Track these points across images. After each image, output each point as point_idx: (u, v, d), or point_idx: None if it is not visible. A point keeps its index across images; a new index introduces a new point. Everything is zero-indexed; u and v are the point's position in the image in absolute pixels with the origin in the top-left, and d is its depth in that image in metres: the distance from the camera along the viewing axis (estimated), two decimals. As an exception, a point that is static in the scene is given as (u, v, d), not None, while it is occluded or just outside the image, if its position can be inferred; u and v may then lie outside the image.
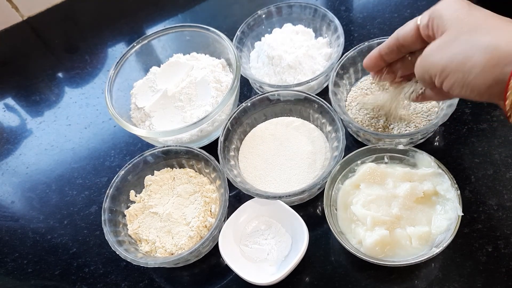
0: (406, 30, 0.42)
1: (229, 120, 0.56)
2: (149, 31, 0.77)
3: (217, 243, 0.50)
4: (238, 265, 0.49)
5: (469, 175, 0.53)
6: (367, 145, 0.52)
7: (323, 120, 0.56)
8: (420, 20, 0.40)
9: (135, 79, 0.66)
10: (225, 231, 0.51)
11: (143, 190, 0.57)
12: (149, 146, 0.63)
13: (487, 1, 0.66)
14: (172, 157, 0.57)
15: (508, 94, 0.31)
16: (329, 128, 0.55)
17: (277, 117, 0.60)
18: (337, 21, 0.62)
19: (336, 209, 0.50)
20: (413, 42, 0.42)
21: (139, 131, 0.57)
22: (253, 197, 0.52)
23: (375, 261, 0.44)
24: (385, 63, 0.48)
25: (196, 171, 0.58)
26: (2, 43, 0.84)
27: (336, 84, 0.57)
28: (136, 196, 0.57)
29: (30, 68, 0.80)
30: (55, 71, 0.78)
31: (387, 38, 0.57)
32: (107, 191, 0.54)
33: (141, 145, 0.66)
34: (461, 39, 0.34)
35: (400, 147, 0.50)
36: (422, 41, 0.41)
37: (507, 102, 0.32)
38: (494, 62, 0.32)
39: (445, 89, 0.37)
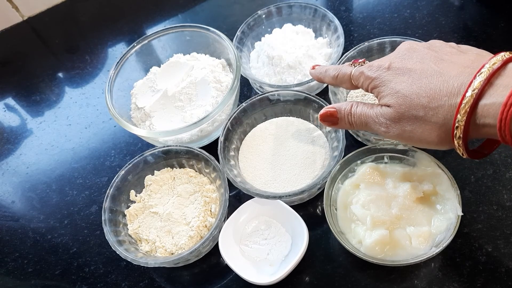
0: (342, 78, 0.45)
1: (229, 120, 0.56)
2: (149, 31, 0.77)
3: (217, 243, 0.50)
4: (238, 265, 0.49)
5: (469, 175, 0.53)
6: (367, 145, 0.52)
7: (323, 120, 0.56)
8: (353, 75, 0.43)
9: (135, 79, 0.66)
10: (225, 231, 0.51)
11: (143, 190, 0.57)
12: (149, 146, 0.63)
13: (487, 1, 0.67)
14: (172, 157, 0.57)
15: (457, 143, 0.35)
16: (329, 128, 0.55)
17: (277, 117, 0.60)
18: (337, 21, 0.62)
19: (336, 209, 0.50)
20: (348, 87, 0.46)
21: (139, 131, 0.57)
22: (253, 197, 0.52)
23: (375, 261, 0.45)
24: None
25: (196, 171, 0.58)
26: (2, 43, 0.84)
27: (336, 84, 0.57)
28: (136, 196, 0.57)
29: (30, 68, 0.80)
30: (55, 71, 0.78)
31: (387, 38, 0.58)
32: (108, 191, 0.54)
33: (141, 145, 0.66)
34: (405, 117, 0.38)
35: (400, 147, 0.50)
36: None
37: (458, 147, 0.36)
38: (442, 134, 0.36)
39: None
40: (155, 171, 0.58)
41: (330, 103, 0.55)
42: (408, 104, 0.36)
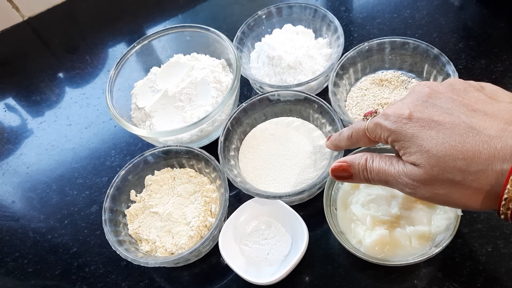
0: (357, 135, 0.41)
1: (229, 120, 0.56)
2: (150, 31, 0.77)
3: (217, 242, 0.50)
4: (238, 265, 0.49)
5: (468, 175, 0.53)
6: (367, 145, 0.52)
7: (323, 120, 0.56)
8: (368, 128, 0.39)
9: (135, 79, 0.66)
10: (225, 231, 0.51)
11: (144, 190, 0.57)
12: (150, 146, 0.64)
13: (487, 1, 0.67)
14: (173, 157, 0.58)
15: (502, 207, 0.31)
16: (329, 128, 0.55)
17: (277, 117, 0.60)
18: (337, 22, 0.62)
19: (336, 209, 0.50)
20: (365, 143, 0.42)
21: (140, 131, 0.57)
22: (253, 197, 0.52)
23: (375, 261, 0.45)
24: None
25: (196, 171, 0.58)
26: (3, 43, 0.84)
27: (335, 84, 0.57)
28: (136, 196, 0.57)
29: (31, 68, 0.80)
30: (56, 71, 0.78)
31: (387, 38, 0.58)
32: (108, 191, 0.54)
33: (142, 145, 0.66)
34: (438, 179, 0.33)
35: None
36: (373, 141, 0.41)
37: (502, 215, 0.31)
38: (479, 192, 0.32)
39: None
40: (155, 171, 0.58)
41: (330, 103, 0.55)
42: (442, 167, 0.32)
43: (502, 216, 0.31)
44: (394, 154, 0.38)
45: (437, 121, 0.33)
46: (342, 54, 0.58)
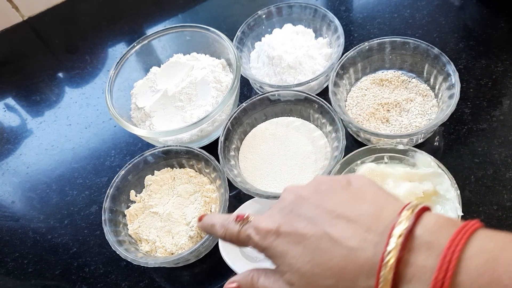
0: (230, 238, 0.38)
1: (229, 120, 0.56)
2: (149, 31, 0.77)
3: (217, 243, 0.50)
4: (238, 265, 0.49)
5: (469, 175, 0.53)
6: (367, 145, 0.52)
7: (323, 120, 0.56)
8: (240, 238, 0.36)
9: (135, 79, 0.66)
10: (225, 231, 0.51)
11: (143, 190, 0.57)
12: (149, 146, 0.63)
13: (487, 1, 0.67)
14: (172, 157, 0.57)
15: None
16: (329, 128, 0.55)
17: (277, 117, 0.60)
18: (337, 21, 0.62)
19: (336, 209, 0.50)
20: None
21: (140, 131, 0.57)
22: (253, 197, 0.52)
23: (375, 261, 0.44)
24: None
25: (196, 171, 0.58)
26: (2, 43, 0.84)
27: (336, 84, 0.57)
28: (136, 196, 0.57)
29: (30, 68, 0.80)
30: (55, 71, 0.78)
31: (387, 38, 0.58)
32: (108, 191, 0.54)
33: (141, 145, 0.66)
34: None
35: (400, 147, 0.50)
36: None
37: None
38: None
39: None
40: (155, 171, 0.58)
41: (330, 103, 0.55)
42: (314, 286, 0.30)
43: None
44: None
45: (302, 235, 0.31)
46: (342, 54, 0.58)
